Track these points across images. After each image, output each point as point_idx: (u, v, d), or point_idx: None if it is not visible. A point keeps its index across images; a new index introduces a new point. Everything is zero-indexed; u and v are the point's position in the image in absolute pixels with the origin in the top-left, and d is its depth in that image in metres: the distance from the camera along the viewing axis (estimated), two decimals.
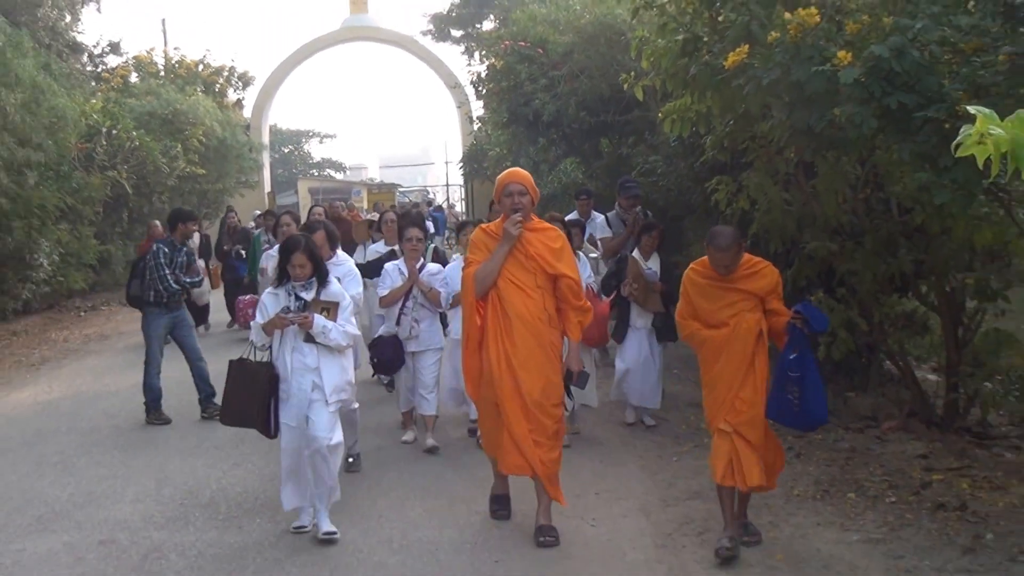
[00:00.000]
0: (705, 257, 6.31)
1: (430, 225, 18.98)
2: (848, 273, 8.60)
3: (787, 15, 6.86)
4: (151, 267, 10.34)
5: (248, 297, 14.07)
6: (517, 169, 7.11)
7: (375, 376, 11.38)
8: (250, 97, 36.80)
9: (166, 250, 10.37)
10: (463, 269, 6.84)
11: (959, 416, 8.68)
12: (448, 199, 56.76)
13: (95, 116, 21.57)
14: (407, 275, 8.81)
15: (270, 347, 6.98)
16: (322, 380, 6.74)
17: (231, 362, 7.08)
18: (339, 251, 8.21)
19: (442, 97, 43.51)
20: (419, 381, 9.01)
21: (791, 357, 6.09)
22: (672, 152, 11.35)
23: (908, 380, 9.21)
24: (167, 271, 10.29)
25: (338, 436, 6.82)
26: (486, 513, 7.21)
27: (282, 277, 6.91)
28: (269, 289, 7.17)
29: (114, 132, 21.94)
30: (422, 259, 9.09)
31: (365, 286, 9.14)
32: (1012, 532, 6.37)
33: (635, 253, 9.68)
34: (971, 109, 2.54)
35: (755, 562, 6.23)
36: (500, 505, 7.14)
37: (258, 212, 21.37)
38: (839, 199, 8.06)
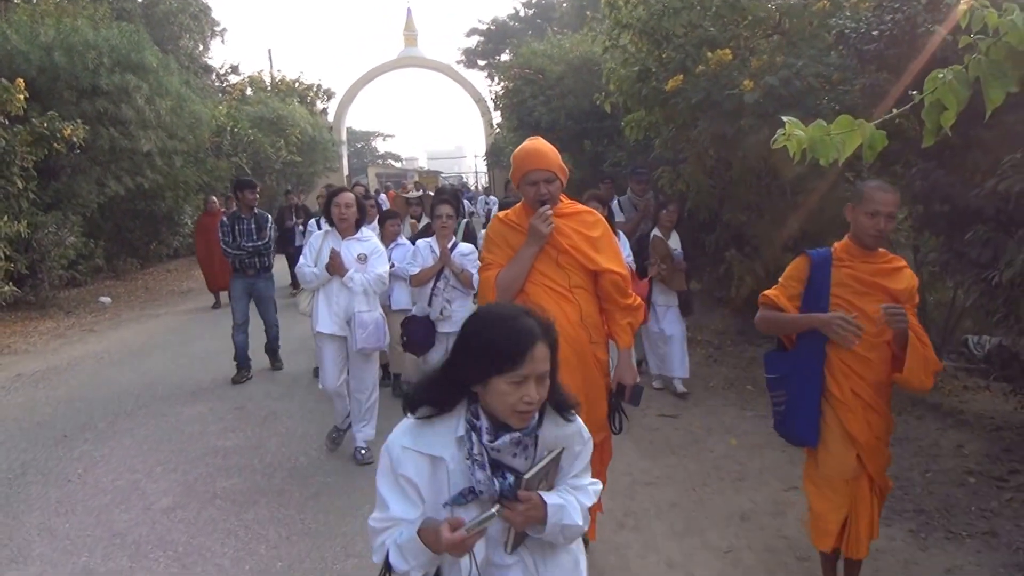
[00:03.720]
0: (846, 240, 3.51)
1: (467, 204, 16.70)
2: (753, 236, 8.79)
3: (709, 54, 7.06)
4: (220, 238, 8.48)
5: None
6: (539, 145, 3.83)
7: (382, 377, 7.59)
8: (332, 106, 36.69)
9: (226, 223, 8.37)
10: (480, 271, 4.12)
11: None
12: (476, 183, 56.44)
13: (222, 118, 21.60)
14: (438, 254, 6.50)
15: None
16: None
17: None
18: (363, 228, 5.98)
19: (470, 108, 43.12)
20: None
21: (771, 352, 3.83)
22: (632, 150, 11.43)
23: None
24: (225, 242, 8.27)
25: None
26: None
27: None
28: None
29: (235, 130, 22.01)
30: (454, 238, 6.71)
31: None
32: None
33: (656, 232, 7.42)
34: (784, 118, 2.73)
35: (678, 429, 6.35)
36: None
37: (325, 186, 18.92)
38: (748, 184, 8.09)
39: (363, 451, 5.87)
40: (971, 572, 3.93)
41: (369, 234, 6.02)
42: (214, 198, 14.21)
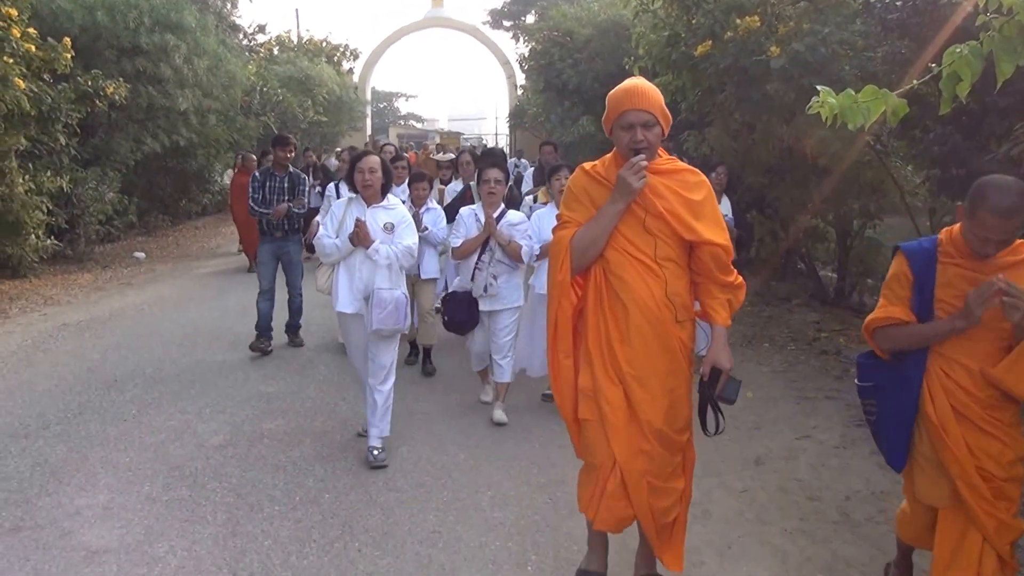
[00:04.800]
0: (957, 226, 2.93)
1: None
2: (774, 199, 9.01)
3: (738, 20, 7.23)
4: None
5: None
6: (640, 83, 3.18)
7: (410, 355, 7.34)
8: (358, 66, 36.81)
9: (257, 179, 7.78)
10: (554, 230, 3.39)
11: (844, 298, 9.16)
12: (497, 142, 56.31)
13: (251, 78, 21.87)
14: (484, 223, 5.76)
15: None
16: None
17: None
18: (390, 196, 5.22)
19: (494, 70, 42.95)
20: (494, 344, 5.90)
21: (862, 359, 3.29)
22: None
23: (811, 273, 9.70)
24: (254, 200, 7.68)
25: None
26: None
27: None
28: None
29: (264, 89, 22.26)
30: (502, 205, 5.89)
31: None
32: None
33: None
34: (819, 88, 3.03)
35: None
36: None
37: (340, 148, 17.76)
38: (770, 147, 8.25)
39: (376, 451, 5.03)
40: None
41: (396, 201, 5.30)
42: (252, 155, 14.04)
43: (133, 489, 4.71)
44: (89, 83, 12.15)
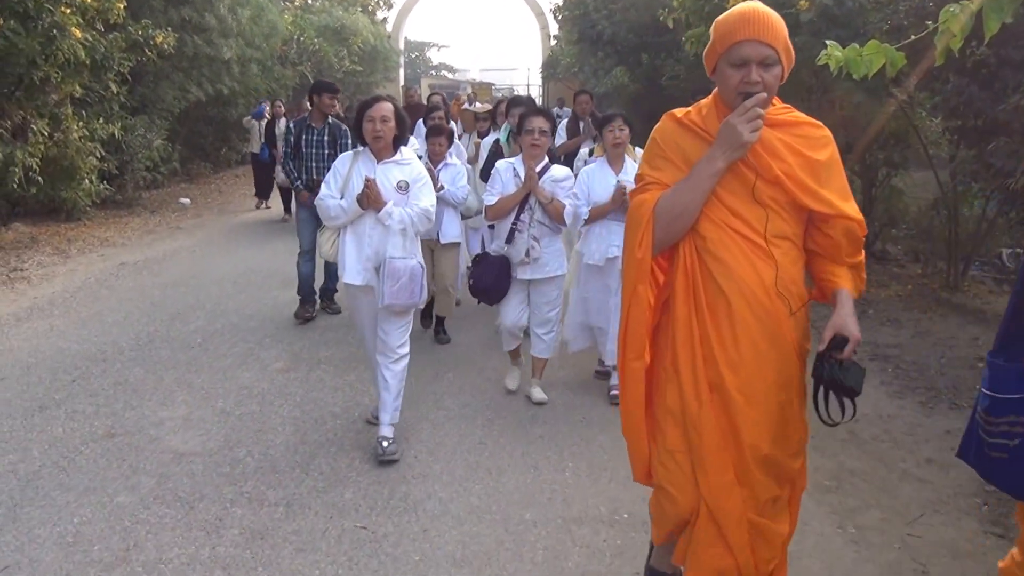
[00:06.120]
0: None
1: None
2: None
3: None
4: None
5: None
6: (757, 9, 2.35)
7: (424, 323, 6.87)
8: (391, 15, 36.91)
9: (291, 130, 7.21)
10: (633, 193, 2.64)
11: (868, 246, 9.43)
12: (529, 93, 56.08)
13: (288, 28, 22.22)
14: (524, 178, 5.02)
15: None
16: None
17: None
18: (404, 149, 4.51)
19: (526, 20, 42.77)
20: (535, 317, 5.25)
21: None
22: (690, 64, 11.80)
23: None
24: (287, 155, 7.23)
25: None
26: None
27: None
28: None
29: (301, 39, 22.64)
30: (545, 159, 5.11)
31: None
32: (886, 309, 7.30)
33: None
34: (827, 41, 3.40)
35: None
36: None
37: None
38: (799, 98, 8.25)
39: (386, 443, 4.46)
40: None
41: (411, 156, 4.58)
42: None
43: (208, 404, 5.24)
44: (139, 33, 12.58)
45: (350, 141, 7.01)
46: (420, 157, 5.12)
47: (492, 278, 5.11)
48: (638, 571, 3.35)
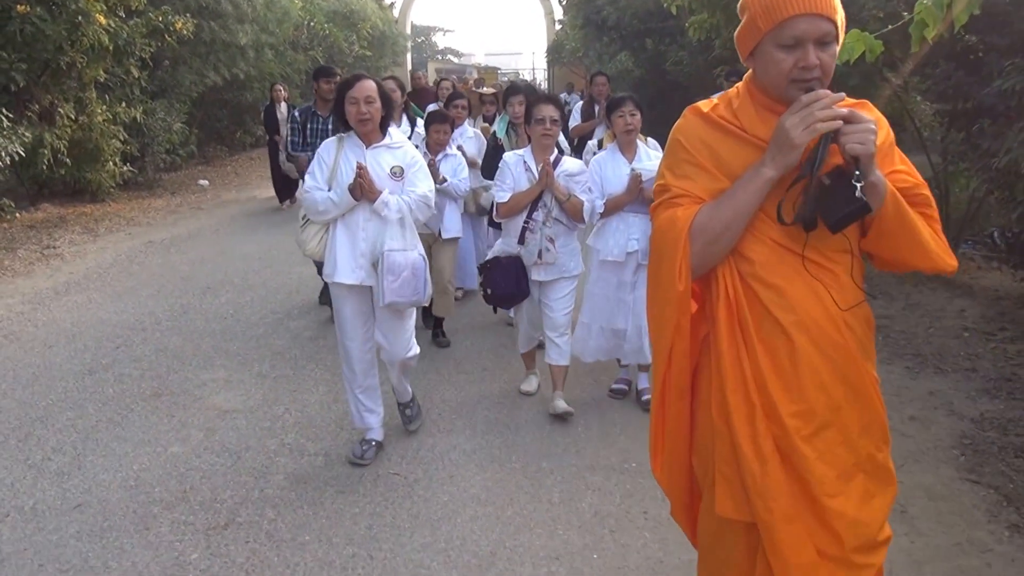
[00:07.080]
0: None
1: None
2: None
3: None
4: None
5: None
6: None
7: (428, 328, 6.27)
8: (398, 0, 37.14)
9: (297, 119, 6.81)
10: (654, 207, 2.02)
11: None
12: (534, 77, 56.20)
13: (299, 13, 22.48)
14: (538, 174, 4.58)
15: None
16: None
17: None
18: (393, 129, 4.16)
19: (531, 5, 42.86)
20: (547, 320, 4.78)
21: None
22: (693, 50, 12.08)
23: None
24: (293, 143, 6.81)
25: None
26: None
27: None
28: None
29: (312, 24, 22.90)
30: (555, 151, 4.74)
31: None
32: (879, 283, 7.53)
33: None
34: None
35: None
36: None
37: None
38: None
39: (409, 409, 4.62)
40: (949, 394, 4.97)
41: (400, 138, 4.20)
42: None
43: (245, 368, 5.61)
44: (159, 19, 12.89)
45: None
46: (417, 147, 4.74)
47: (512, 283, 4.69)
48: (646, 510, 3.72)
